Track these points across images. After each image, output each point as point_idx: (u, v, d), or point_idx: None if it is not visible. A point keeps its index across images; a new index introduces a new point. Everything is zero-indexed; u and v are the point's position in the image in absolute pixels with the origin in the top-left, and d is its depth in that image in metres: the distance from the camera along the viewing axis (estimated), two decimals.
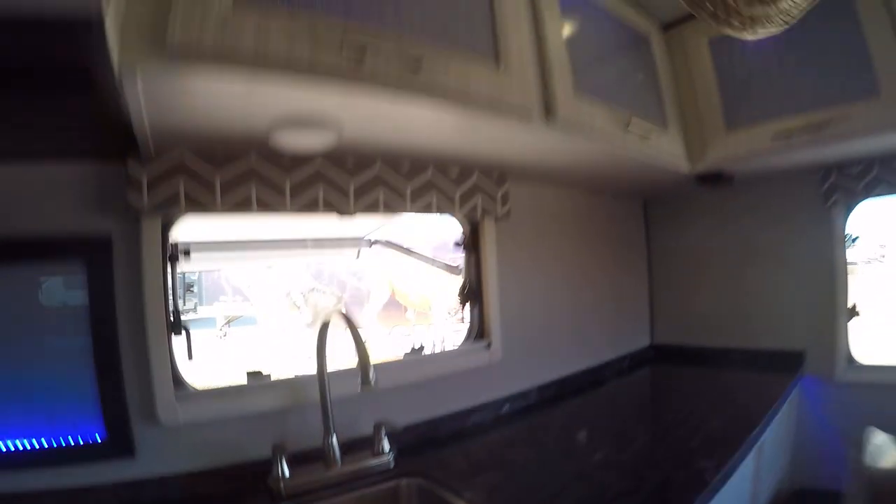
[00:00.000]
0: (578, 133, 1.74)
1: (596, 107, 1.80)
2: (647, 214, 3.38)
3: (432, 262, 3.28)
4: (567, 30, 1.77)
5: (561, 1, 1.74)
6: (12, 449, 1.28)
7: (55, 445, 1.32)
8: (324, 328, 1.60)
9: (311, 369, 1.56)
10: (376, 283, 9.09)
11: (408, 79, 1.21)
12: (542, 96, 1.63)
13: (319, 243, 3.35)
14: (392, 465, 1.65)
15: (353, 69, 1.12)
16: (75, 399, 1.36)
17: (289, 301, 9.34)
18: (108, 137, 1.26)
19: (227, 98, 1.13)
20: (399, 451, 1.69)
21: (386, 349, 8.96)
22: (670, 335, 3.27)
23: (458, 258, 2.30)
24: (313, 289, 9.34)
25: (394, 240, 3.69)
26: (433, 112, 1.37)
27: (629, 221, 3.25)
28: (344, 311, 1.52)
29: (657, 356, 3.24)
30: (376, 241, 3.59)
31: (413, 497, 1.61)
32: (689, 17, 2.30)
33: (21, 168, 1.31)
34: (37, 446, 1.31)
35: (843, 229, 2.60)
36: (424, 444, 1.87)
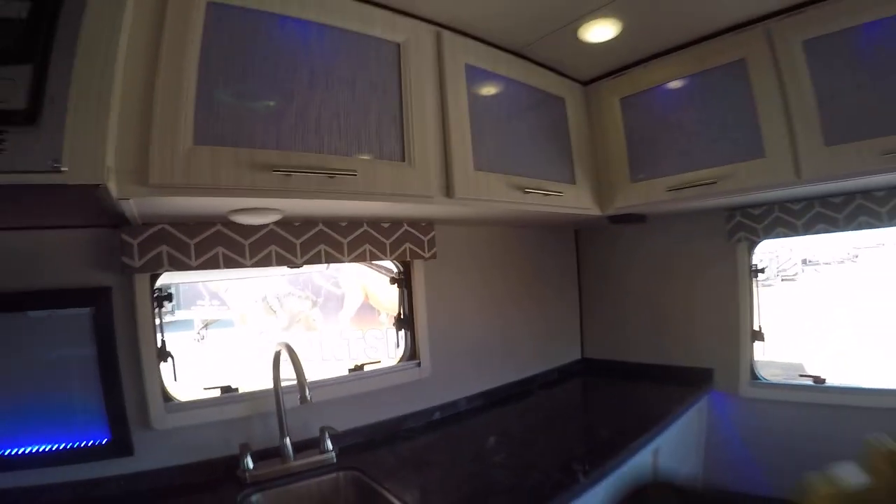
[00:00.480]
0: (476, 203, 2.00)
1: (494, 178, 2.04)
2: (577, 240, 3.60)
3: (384, 270, 3.44)
4: (473, 109, 2.02)
5: (469, 82, 2.01)
6: (36, 450, 1.60)
7: (70, 447, 1.65)
8: (277, 355, 1.95)
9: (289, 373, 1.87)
10: (350, 289, 9.05)
11: (325, 186, 1.57)
12: (443, 181, 1.91)
13: None
14: (334, 461, 1.98)
15: (283, 186, 1.49)
16: (86, 410, 1.69)
17: (265, 305, 9.29)
18: (107, 216, 1.56)
19: (193, 203, 1.52)
20: (340, 450, 2.03)
21: (360, 352, 8.85)
22: (599, 350, 3.51)
23: (391, 281, 2.61)
24: (289, 294, 9.26)
25: None
26: (349, 204, 1.76)
27: (560, 248, 3.49)
28: (288, 344, 1.86)
29: (587, 369, 3.49)
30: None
31: (349, 486, 1.93)
32: (606, 74, 2.55)
33: (41, 235, 1.66)
34: (55, 448, 1.63)
35: (748, 263, 2.79)
36: (362, 445, 2.18)
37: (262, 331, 8.97)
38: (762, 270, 2.81)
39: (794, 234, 2.54)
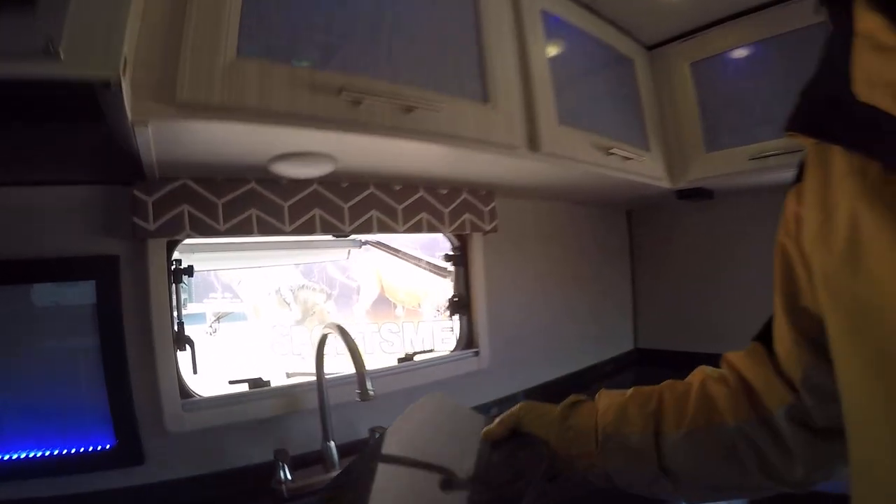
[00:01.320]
0: (561, 160, 1.80)
1: (578, 134, 1.86)
2: (630, 222, 3.40)
3: (419, 262, 3.29)
4: (552, 60, 1.83)
5: (546, 30, 1.80)
6: (29, 457, 1.32)
7: (67, 453, 1.36)
8: (322, 340, 1.65)
9: (304, 367, 1.59)
10: (365, 281, 9.00)
11: (401, 121, 1.28)
12: (527, 130, 1.69)
13: (310, 244, 3.36)
14: None
15: (349, 116, 1.20)
16: (87, 410, 1.40)
17: (278, 298, 9.26)
18: (116, 165, 1.30)
19: (230, 138, 1.21)
20: None
21: (375, 346, 8.88)
22: (654, 339, 3.29)
23: (445, 258, 2.35)
24: (303, 286, 9.24)
25: (383, 240, 3.69)
26: (424, 148, 1.45)
27: (613, 229, 3.28)
28: (340, 325, 1.57)
29: (641, 359, 3.28)
30: (366, 242, 3.61)
31: None
32: (672, 39, 2.38)
33: (31, 192, 1.36)
34: (49, 454, 1.34)
35: None
36: None
37: (275, 324, 8.96)
38: None
39: None
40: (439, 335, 8.71)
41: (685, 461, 0.85)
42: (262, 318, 9.12)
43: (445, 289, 2.30)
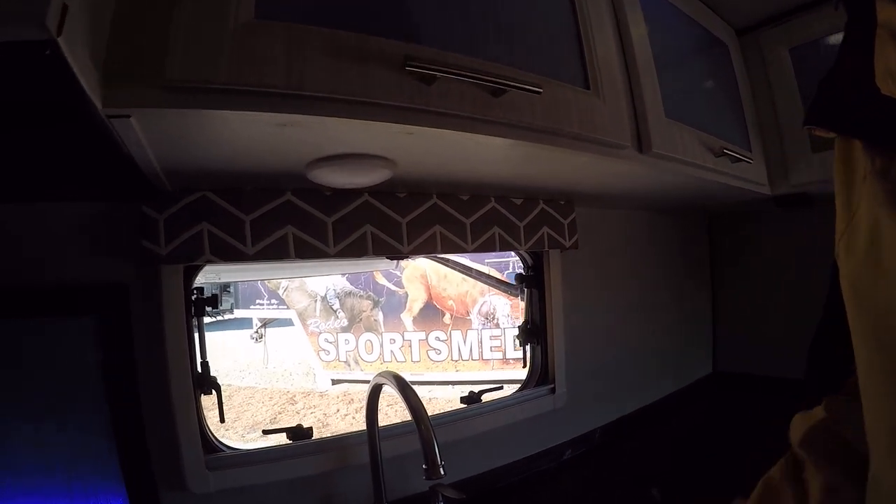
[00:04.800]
0: (671, 163, 1.51)
1: (687, 133, 1.57)
2: (712, 231, 3.15)
3: (467, 271, 3.06)
4: (653, 42, 1.53)
5: (642, 3, 1.50)
6: None
7: None
8: (375, 392, 1.40)
9: (349, 375, 1.34)
10: (413, 288, 9.07)
11: (487, 108, 0.97)
12: (634, 125, 1.40)
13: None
14: None
15: (419, 97, 0.87)
16: (95, 466, 1.20)
17: (324, 305, 9.35)
18: (120, 176, 1.05)
19: (251, 134, 0.89)
20: None
21: (423, 354, 9.01)
22: (736, 362, 3.03)
23: (518, 279, 2.09)
24: (349, 293, 9.35)
25: None
26: (512, 145, 1.11)
27: (693, 240, 3.02)
28: (397, 375, 1.30)
29: (721, 385, 3.01)
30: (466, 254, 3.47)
31: None
32: (766, 22, 2.11)
33: (26, 209, 1.13)
34: None
35: None
36: (483, 499, 1.70)
37: (321, 331, 9.13)
38: None
39: None
40: (487, 343, 8.84)
41: None
42: (308, 324, 9.34)
43: (495, 298, 2.05)
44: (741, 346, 3.00)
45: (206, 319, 1.39)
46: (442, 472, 1.15)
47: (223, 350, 11.76)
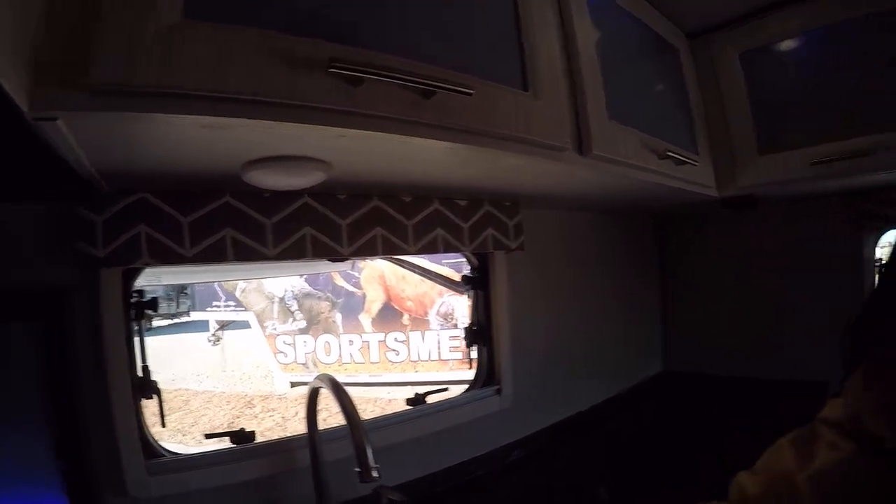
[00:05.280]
0: (612, 165, 1.52)
1: (629, 134, 1.59)
2: (659, 233, 3.22)
3: (425, 272, 3.07)
4: (597, 41, 1.54)
5: (590, 4, 1.51)
6: None
7: None
8: (313, 394, 1.41)
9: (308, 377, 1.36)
10: (371, 288, 9.10)
11: (417, 111, 0.96)
12: (574, 127, 1.40)
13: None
14: None
15: (346, 99, 0.87)
16: (35, 473, 1.18)
17: (282, 307, 9.33)
18: (59, 179, 1.04)
19: (182, 137, 0.89)
20: None
21: (381, 355, 9.03)
22: (685, 362, 3.11)
23: (463, 280, 2.13)
24: (307, 294, 9.34)
25: None
26: (448, 149, 1.11)
27: (640, 242, 3.10)
28: (332, 378, 1.31)
29: (671, 384, 3.08)
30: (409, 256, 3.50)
31: None
32: (718, 27, 2.15)
33: None
34: None
35: (873, 255, 2.50)
36: (428, 500, 1.73)
37: (279, 333, 9.13)
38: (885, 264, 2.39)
39: None
40: (446, 344, 8.89)
41: None
42: (266, 326, 9.34)
43: (453, 299, 2.07)
44: (691, 345, 3.07)
45: (163, 322, 1.40)
46: (375, 475, 1.15)
47: (180, 353, 11.65)
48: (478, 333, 2.04)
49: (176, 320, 15.16)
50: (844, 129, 1.90)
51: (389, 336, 9.10)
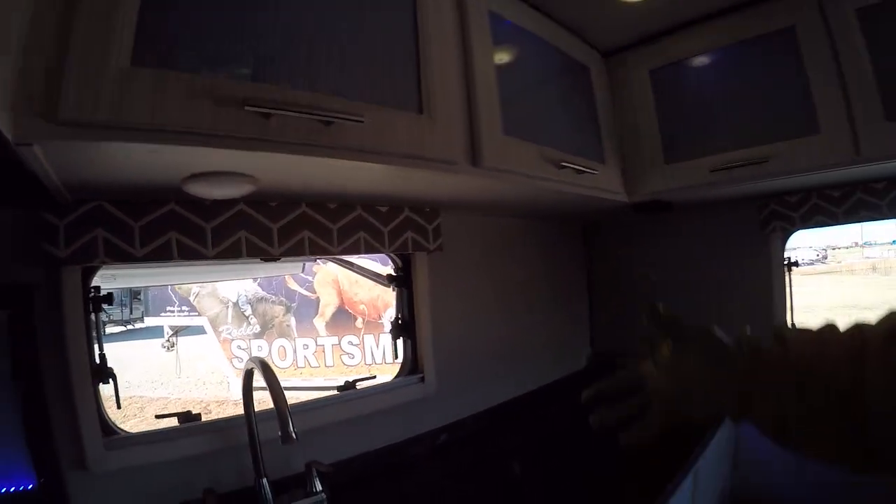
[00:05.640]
0: (506, 175, 1.71)
1: (526, 147, 1.77)
2: (586, 237, 3.40)
3: (368, 273, 3.20)
4: (501, 66, 1.74)
5: (494, 33, 1.71)
6: None
7: None
8: (248, 375, 1.57)
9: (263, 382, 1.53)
10: (325, 292, 9.08)
11: (318, 136, 1.16)
12: (468, 143, 1.60)
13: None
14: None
15: (258, 132, 1.08)
16: (4, 448, 1.32)
17: (236, 311, 9.30)
18: (24, 186, 1.17)
19: (132, 158, 1.09)
20: (332, 487, 1.66)
21: (336, 359, 8.99)
22: (613, 354, 3.17)
23: (388, 279, 2.29)
24: (261, 299, 9.31)
25: None
26: (350, 166, 1.32)
27: (568, 245, 3.28)
28: (262, 360, 1.49)
29: (600, 376, 3.17)
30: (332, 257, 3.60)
31: None
32: (630, 45, 2.36)
33: None
34: None
35: (782, 255, 2.65)
36: (358, 481, 1.85)
37: (234, 338, 9.01)
38: (797, 263, 2.70)
39: (833, 223, 2.45)
40: (401, 346, 8.90)
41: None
42: (220, 331, 9.19)
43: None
44: (617, 340, 3.24)
45: (116, 329, 1.54)
46: (293, 437, 1.33)
47: (134, 360, 11.32)
48: (402, 327, 2.19)
49: (129, 326, 14.65)
50: (742, 139, 2.09)
51: (344, 339, 9.05)
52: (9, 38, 0.79)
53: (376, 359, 9.03)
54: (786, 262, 2.67)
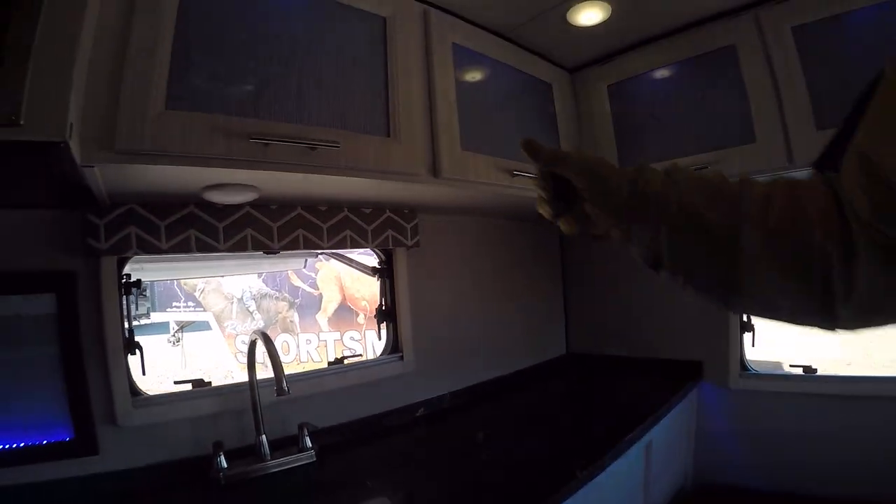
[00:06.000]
0: (462, 184, 1.97)
1: (482, 160, 2.02)
2: (561, 233, 3.44)
3: (357, 265, 3.35)
4: (463, 90, 2.00)
5: (456, 62, 1.99)
6: None
7: (29, 445, 1.52)
8: (252, 345, 1.87)
9: (267, 375, 1.80)
10: (328, 289, 9.08)
11: (305, 158, 1.50)
12: (430, 159, 1.87)
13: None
14: (314, 459, 1.89)
15: (260, 155, 1.42)
16: (48, 405, 1.57)
17: (241, 307, 9.32)
18: (72, 192, 1.47)
19: (165, 174, 1.41)
20: (321, 448, 1.94)
21: (338, 353, 8.95)
22: (585, 344, 3.47)
23: (372, 271, 2.55)
24: (265, 295, 9.31)
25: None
26: (331, 180, 1.66)
27: (544, 241, 3.44)
28: (264, 332, 1.80)
29: (573, 364, 3.44)
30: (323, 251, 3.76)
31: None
32: (593, 62, 2.59)
33: (3, 214, 1.54)
34: (12, 446, 1.50)
35: None
36: (343, 443, 2.09)
37: (238, 333, 8.99)
38: None
39: None
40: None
41: (759, 268, 0.74)
42: (225, 327, 9.17)
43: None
44: (589, 330, 3.45)
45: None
46: (286, 390, 1.66)
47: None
48: (385, 313, 2.47)
49: (136, 322, 14.54)
50: (687, 147, 2.29)
51: (346, 335, 8.96)
52: (79, 91, 1.11)
53: (378, 353, 8.92)
54: None
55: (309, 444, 1.92)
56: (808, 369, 2.60)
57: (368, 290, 8.83)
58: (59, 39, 0.99)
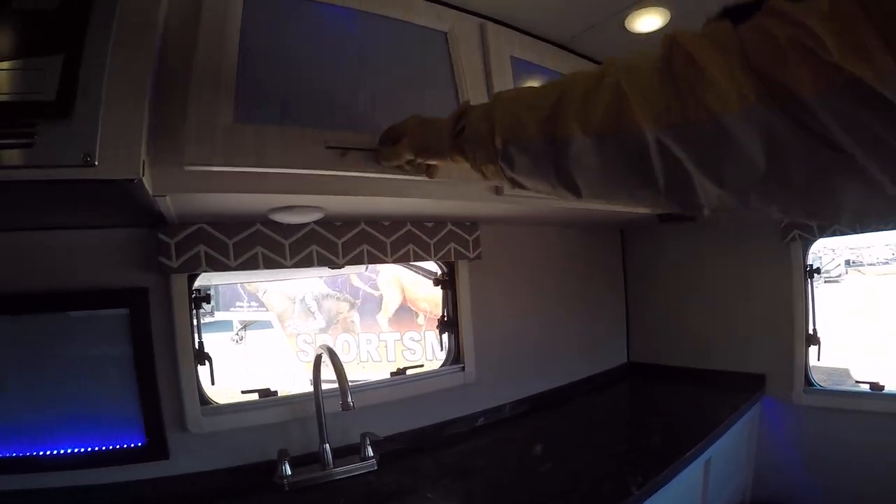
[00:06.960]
0: (524, 199, 1.90)
1: None
2: (624, 242, 3.49)
3: (420, 270, 3.32)
4: None
5: (515, 74, 1.96)
6: (71, 451, 1.59)
7: (105, 449, 1.63)
8: (318, 359, 1.92)
9: (327, 376, 1.85)
10: (388, 290, 9.10)
11: (376, 169, 1.46)
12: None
13: None
14: (375, 468, 1.93)
15: (337, 165, 1.41)
16: (121, 412, 1.67)
17: (303, 307, 9.38)
18: (144, 215, 1.54)
19: (231, 200, 1.45)
20: (381, 457, 1.97)
21: (398, 354, 8.92)
22: (646, 354, 3.40)
23: (434, 282, 2.59)
24: (327, 295, 9.35)
25: None
26: (401, 201, 1.69)
27: (605, 249, 3.39)
28: (329, 347, 1.86)
29: (633, 373, 3.38)
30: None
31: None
32: None
33: (78, 234, 1.64)
34: (90, 450, 1.61)
35: (802, 262, 2.69)
36: (404, 452, 2.11)
37: (300, 332, 9.06)
38: (818, 270, 2.73)
39: (852, 231, 2.58)
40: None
41: (588, 168, 0.77)
42: (287, 326, 9.24)
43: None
44: (651, 339, 3.39)
45: None
46: (351, 405, 1.70)
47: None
48: (447, 324, 2.47)
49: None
50: None
51: (406, 335, 8.86)
52: (144, 140, 1.12)
53: (437, 354, 8.81)
54: (807, 270, 2.68)
55: (370, 452, 1.96)
56: (876, 385, 2.48)
57: (429, 293, 8.80)
58: (128, 84, 1.04)
